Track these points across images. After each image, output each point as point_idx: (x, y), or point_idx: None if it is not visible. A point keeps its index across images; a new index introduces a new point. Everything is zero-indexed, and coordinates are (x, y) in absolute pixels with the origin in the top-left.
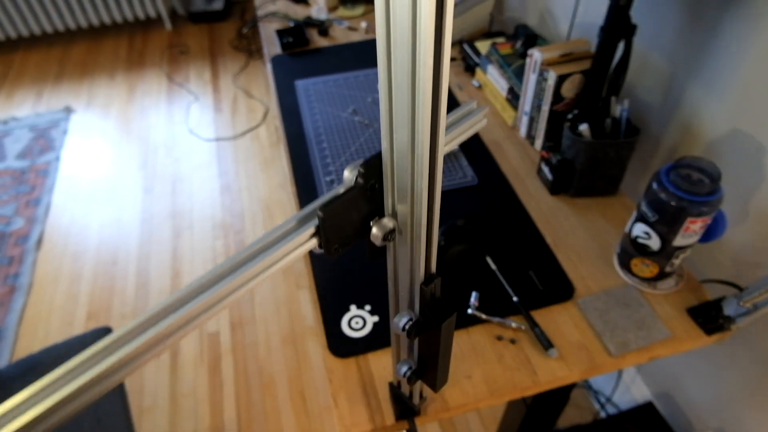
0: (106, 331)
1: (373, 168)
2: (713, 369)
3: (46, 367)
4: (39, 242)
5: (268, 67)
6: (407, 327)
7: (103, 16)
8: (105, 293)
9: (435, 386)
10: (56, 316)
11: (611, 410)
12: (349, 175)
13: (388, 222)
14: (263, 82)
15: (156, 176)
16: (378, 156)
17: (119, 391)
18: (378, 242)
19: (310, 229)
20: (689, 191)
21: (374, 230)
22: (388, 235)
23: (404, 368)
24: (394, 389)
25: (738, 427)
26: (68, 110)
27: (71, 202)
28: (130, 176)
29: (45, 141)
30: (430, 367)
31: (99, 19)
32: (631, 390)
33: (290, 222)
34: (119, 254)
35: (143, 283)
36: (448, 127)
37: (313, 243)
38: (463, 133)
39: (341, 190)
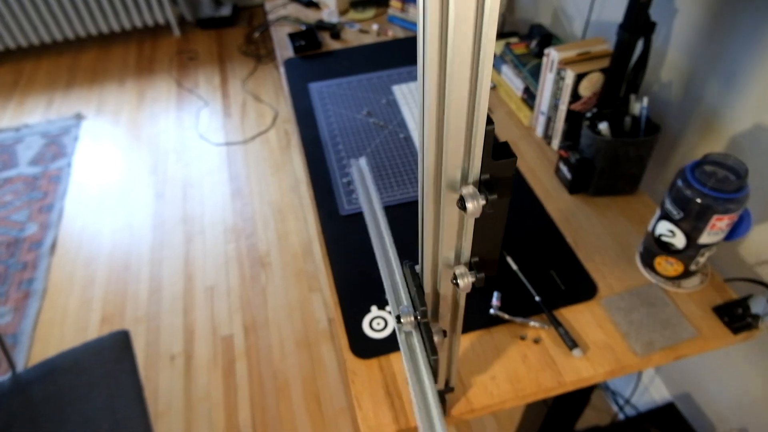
0: (123, 334)
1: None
2: (734, 368)
3: (64, 371)
4: (52, 247)
5: (282, 70)
6: (479, 183)
7: (112, 24)
8: (118, 298)
9: (495, 267)
10: (70, 320)
11: (630, 412)
12: (475, 207)
13: (464, 269)
14: (272, 86)
15: (167, 181)
16: None
17: (138, 395)
18: (468, 287)
19: None
20: (715, 188)
21: (462, 278)
22: (472, 270)
23: (463, 261)
24: None
25: (762, 427)
26: (79, 117)
27: (83, 207)
28: (140, 182)
29: (56, 147)
30: (490, 246)
31: (108, 27)
32: (649, 391)
33: None
34: (131, 259)
35: (156, 287)
36: None
37: None
38: None
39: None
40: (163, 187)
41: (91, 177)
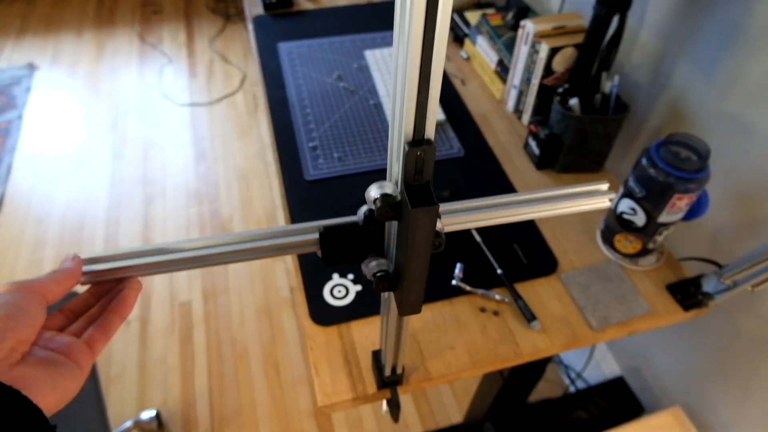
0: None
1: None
2: (681, 345)
3: None
4: None
5: (250, 27)
6: (379, 201)
7: None
8: None
9: (400, 304)
10: None
11: (581, 385)
12: (370, 196)
13: (384, 264)
14: (241, 47)
15: (126, 140)
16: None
17: None
18: (368, 275)
19: (316, 236)
20: (678, 167)
21: (371, 263)
22: (378, 273)
23: (374, 264)
24: (378, 357)
25: (703, 401)
26: (32, 67)
27: (35, 163)
28: (98, 139)
29: (6, 98)
30: (400, 275)
31: None
32: (601, 366)
33: (309, 225)
34: (86, 220)
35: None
36: (565, 197)
37: (316, 247)
38: (577, 208)
39: (352, 218)
40: (122, 146)
41: (44, 131)
